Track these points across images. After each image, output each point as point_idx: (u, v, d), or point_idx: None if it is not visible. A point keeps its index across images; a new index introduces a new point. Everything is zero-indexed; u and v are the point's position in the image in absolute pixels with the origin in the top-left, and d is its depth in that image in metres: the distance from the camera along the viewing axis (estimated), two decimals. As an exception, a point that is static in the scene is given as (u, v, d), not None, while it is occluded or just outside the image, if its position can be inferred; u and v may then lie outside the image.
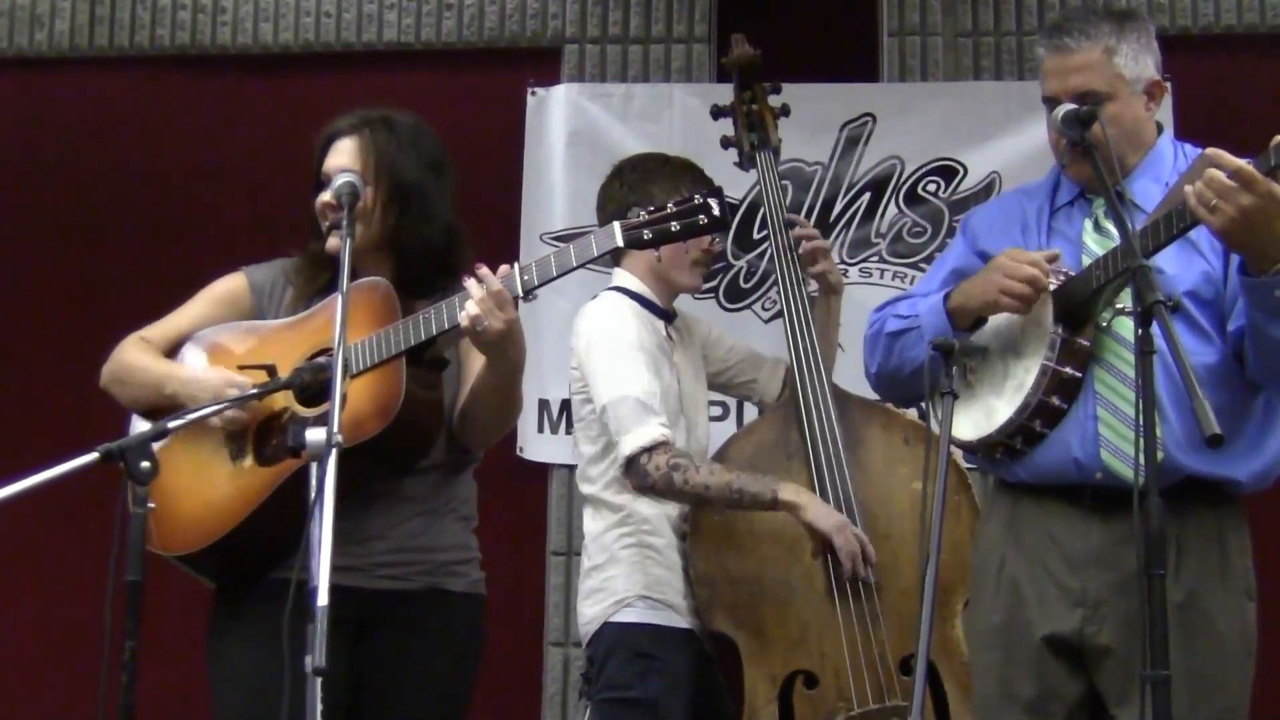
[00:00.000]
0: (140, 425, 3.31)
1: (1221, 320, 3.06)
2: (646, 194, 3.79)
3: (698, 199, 3.07)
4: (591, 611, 3.76)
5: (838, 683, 3.62)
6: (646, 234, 3.06)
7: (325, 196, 3.27)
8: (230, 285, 3.44)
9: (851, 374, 3.81)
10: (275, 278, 3.43)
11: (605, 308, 3.82)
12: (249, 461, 3.21)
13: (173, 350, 3.38)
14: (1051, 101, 3.18)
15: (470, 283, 3.06)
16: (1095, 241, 3.17)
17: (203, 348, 3.37)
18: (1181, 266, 3.04)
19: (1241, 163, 2.72)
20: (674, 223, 3.06)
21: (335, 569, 2.83)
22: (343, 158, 3.33)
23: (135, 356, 3.36)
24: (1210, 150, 2.77)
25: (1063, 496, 3.12)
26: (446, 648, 3.36)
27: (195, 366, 3.33)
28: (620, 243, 3.06)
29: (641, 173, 3.91)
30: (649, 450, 3.61)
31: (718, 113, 4.21)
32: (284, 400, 3.19)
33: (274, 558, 3.19)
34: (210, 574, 3.31)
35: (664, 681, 3.65)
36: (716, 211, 3.05)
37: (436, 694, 3.34)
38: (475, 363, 3.27)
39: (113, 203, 5.41)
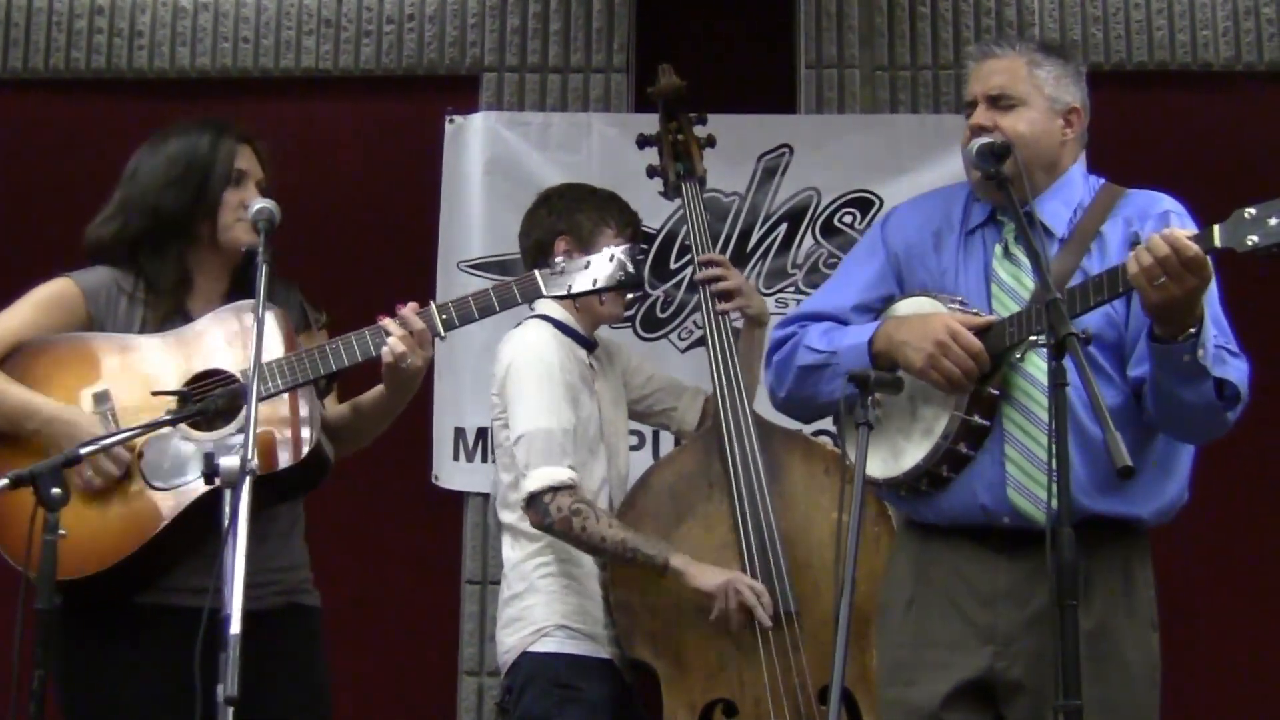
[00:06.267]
0: None
1: (1123, 362, 3.10)
2: (574, 222, 3.84)
3: (614, 255, 3.21)
4: (510, 641, 3.75)
5: (757, 711, 3.62)
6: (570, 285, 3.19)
7: (256, 205, 3.18)
8: (60, 290, 3.30)
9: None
10: (107, 285, 3.32)
11: (529, 336, 3.81)
12: (137, 484, 3.14)
13: (5, 357, 3.22)
14: (970, 106, 3.25)
15: (389, 322, 3.14)
16: (1005, 270, 3.20)
17: (60, 361, 3.24)
18: None
19: (1198, 250, 2.77)
20: (595, 277, 3.18)
21: (197, 591, 2.87)
22: (257, 164, 3.40)
23: None
24: (1169, 231, 2.81)
25: (971, 535, 3.13)
26: (306, 656, 3.36)
27: (48, 396, 3.18)
28: (545, 292, 3.18)
29: (569, 201, 3.92)
30: (554, 490, 3.62)
31: (643, 142, 4.22)
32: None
33: (144, 581, 3.16)
34: (80, 597, 3.17)
35: (582, 711, 3.64)
36: (631, 268, 3.20)
37: (305, 702, 3.33)
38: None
39: (25, 226, 5.33)
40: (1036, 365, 3.05)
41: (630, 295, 4.10)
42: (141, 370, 3.20)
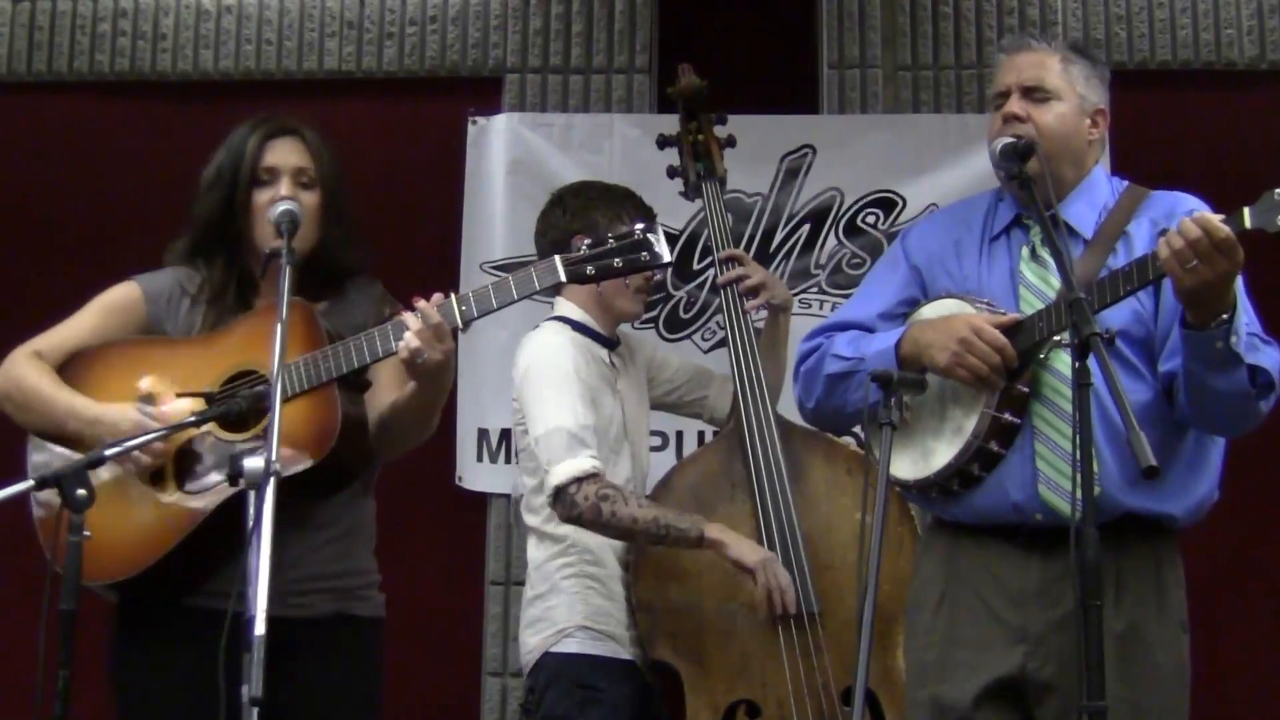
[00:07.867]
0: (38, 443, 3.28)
1: (1152, 358, 3.10)
2: (589, 221, 3.80)
3: (638, 234, 3.07)
4: (533, 641, 3.75)
5: (780, 712, 3.61)
6: (589, 269, 3.07)
7: (280, 208, 3.19)
8: (123, 294, 3.37)
9: (794, 403, 3.81)
10: (170, 287, 3.37)
11: (544, 338, 3.81)
12: (171, 487, 3.17)
13: (66, 363, 3.29)
14: (1002, 96, 3.25)
15: (408, 316, 3.09)
16: (1032, 271, 3.20)
17: (111, 365, 3.28)
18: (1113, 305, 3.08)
19: (1229, 231, 2.78)
20: (616, 258, 3.07)
21: (243, 596, 2.83)
22: (294, 156, 3.36)
23: (33, 378, 3.27)
24: (1200, 214, 2.82)
25: (1001, 535, 3.13)
26: (357, 673, 3.34)
27: (98, 400, 3.22)
28: (563, 277, 3.07)
29: (583, 200, 3.91)
30: (579, 480, 3.60)
31: (664, 142, 4.22)
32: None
33: (192, 583, 3.17)
34: (121, 596, 3.25)
35: (604, 712, 3.64)
36: (658, 248, 3.06)
37: (347, 715, 3.31)
38: (386, 376, 3.29)
39: (49, 229, 5.35)
40: (1064, 362, 3.04)
41: (652, 296, 4.09)
42: (182, 373, 3.22)
